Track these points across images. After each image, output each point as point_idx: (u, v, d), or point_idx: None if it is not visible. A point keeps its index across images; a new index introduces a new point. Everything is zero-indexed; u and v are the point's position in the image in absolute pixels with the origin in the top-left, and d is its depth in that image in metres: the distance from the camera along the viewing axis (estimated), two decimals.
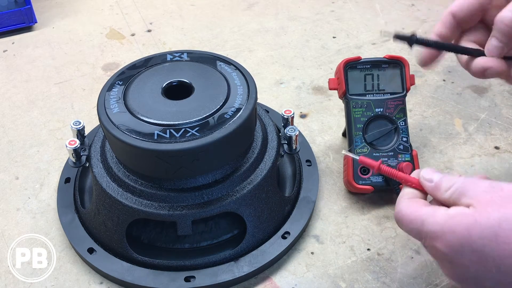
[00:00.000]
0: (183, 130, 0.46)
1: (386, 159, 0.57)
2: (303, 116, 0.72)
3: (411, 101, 0.73)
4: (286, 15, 0.95)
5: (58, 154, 0.66)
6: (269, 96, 0.75)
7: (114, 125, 0.47)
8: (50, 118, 0.72)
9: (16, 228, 0.57)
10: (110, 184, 0.51)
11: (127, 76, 0.52)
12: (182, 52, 0.56)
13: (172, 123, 0.46)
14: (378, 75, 0.59)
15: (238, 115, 0.47)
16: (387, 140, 0.58)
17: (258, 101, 0.55)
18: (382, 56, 0.59)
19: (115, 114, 0.48)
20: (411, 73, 0.59)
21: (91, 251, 0.52)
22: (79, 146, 0.53)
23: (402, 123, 0.58)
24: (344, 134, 0.67)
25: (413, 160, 0.57)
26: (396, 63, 0.59)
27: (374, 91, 0.59)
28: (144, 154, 0.45)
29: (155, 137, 0.45)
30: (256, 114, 0.53)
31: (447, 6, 0.50)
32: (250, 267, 0.50)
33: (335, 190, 0.60)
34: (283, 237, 0.53)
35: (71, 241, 0.53)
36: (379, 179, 0.57)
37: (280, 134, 0.57)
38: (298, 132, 0.55)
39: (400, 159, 0.57)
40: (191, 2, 1.00)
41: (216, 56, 0.55)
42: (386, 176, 0.55)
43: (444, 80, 0.77)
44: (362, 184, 0.56)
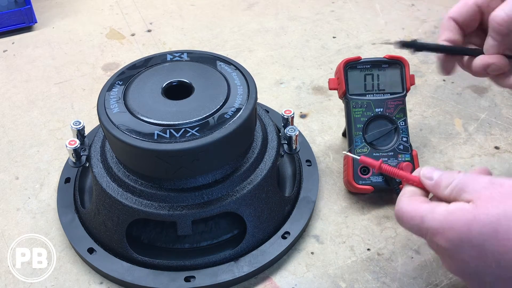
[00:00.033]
0: (183, 130, 0.46)
1: (386, 159, 0.57)
2: (303, 116, 0.71)
3: (411, 101, 0.73)
4: (286, 15, 0.94)
5: (58, 154, 0.66)
6: (269, 96, 0.75)
7: (114, 125, 0.47)
8: (50, 118, 0.72)
9: (16, 228, 0.57)
10: (110, 184, 0.51)
11: (127, 76, 0.52)
12: (182, 52, 0.56)
13: (172, 123, 0.46)
14: (378, 75, 0.59)
15: (238, 115, 0.47)
16: (387, 140, 0.58)
17: (258, 101, 0.55)
18: (382, 56, 0.59)
19: (115, 114, 0.48)
20: (411, 73, 0.59)
21: (91, 251, 0.52)
22: (79, 146, 0.53)
23: (402, 123, 0.58)
24: (344, 134, 0.67)
25: (413, 160, 0.57)
26: (396, 63, 0.59)
27: (374, 91, 0.59)
28: (144, 154, 0.45)
29: (155, 137, 0.45)
30: (256, 114, 0.53)
31: (447, 6, 0.50)
32: (250, 267, 0.50)
33: (335, 190, 0.60)
34: (283, 237, 0.53)
35: (71, 241, 0.53)
36: (379, 179, 0.57)
37: (280, 134, 0.57)
38: (298, 132, 0.55)
39: (400, 159, 0.57)
40: (191, 2, 1.00)
41: (216, 56, 0.55)
42: (387, 175, 0.55)
43: (444, 80, 0.77)
44: (362, 184, 0.56)
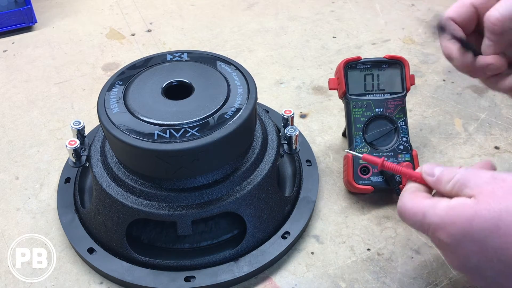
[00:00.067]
0: (183, 130, 0.46)
1: (386, 159, 0.57)
2: (303, 116, 0.71)
3: (411, 101, 0.73)
4: (286, 15, 0.94)
5: (58, 154, 0.66)
6: (269, 96, 0.75)
7: (114, 125, 0.47)
8: (50, 118, 0.72)
9: (16, 228, 0.57)
10: (110, 184, 0.51)
11: (127, 76, 0.52)
12: (182, 52, 0.56)
13: (172, 123, 0.46)
14: (378, 75, 0.59)
15: (238, 115, 0.47)
16: (387, 140, 0.58)
17: (258, 101, 0.55)
18: (382, 56, 0.59)
19: (115, 114, 0.48)
20: (411, 73, 0.59)
21: (91, 251, 0.52)
22: (79, 146, 0.53)
23: (402, 123, 0.58)
24: (344, 134, 0.67)
25: (413, 160, 0.57)
26: (396, 63, 0.59)
27: (374, 91, 0.59)
28: (144, 154, 0.45)
29: (155, 137, 0.45)
30: (256, 114, 0.53)
31: (447, 6, 0.50)
32: (250, 267, 0.50)
33: (335, 190, 0.60)
34: (283, 237, 0.53)
35: (71, 241, 0.53)
36: (379, 179, 0.57)
37: (280, 134, 0.57)
38: (298, 132, 0.55)
39: (400, 159, 0.57)
40: (191, 2, 1.00)
41: (216, 56, 0.55)
42: (387, 175, 0.56)
43: (444, 80, 0.77)
44: (362, 184, 0.56)
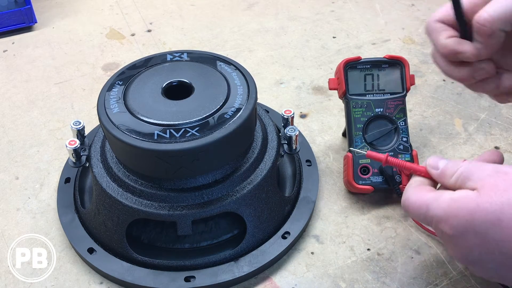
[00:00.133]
0: (183, 130, 0.46)
1: None
2: (303, 116, 0.71)
3: (411, 101, 0.73)
4: (286, 15, 0.94)
5: (58, 154, 0.66)
6: (269, 96, 0.75)
7: (114, 125, 0.47)
8: (50, 118, 0.72)
9: (16, 228, 0.57)
10: (110, 184, 0.51)
11: (127, 76, 0.52)
12: (182, 52, 0.56)
13: (172, 123, 0.46)
14: (378, 75, 0.59)
15: (238, 115, 0.47)
16: (387, 140, 0.58)
17: (258, 101, 0.55)
18: (382, 56, 0.59)
19: (115, 114, 0.48)
20: (411, 73, 0.59)
21: (91, 251, 0.52)
22: (79, 146, 0.53)
23: (402, 123, 0.58)
24: (344, 134, 0.67)
25: (413, 160, 0.57)
26: (396, 63, 0.59)
27: (374, 91, 0.59)
28: (144, 154, 0.45)
29: (155, 137, 0.45)
30: (256, 114, 0.53)
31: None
32: (250, 267, 0.50)
33: (335, 190, 0.60)
34: (283, 237, 0.53)
35: (71, 241, 0.53)
36: (379, 179, 0.57)
37: (280, 134, 0.57)
38: (298, 132, 0.55)
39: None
40: (191, 2, 1.00)
41: (216, 56, 0.55)
42: (388, 173, 0.55)
43: (444, 80, 0.77)
44: (362, 184, 0.56)
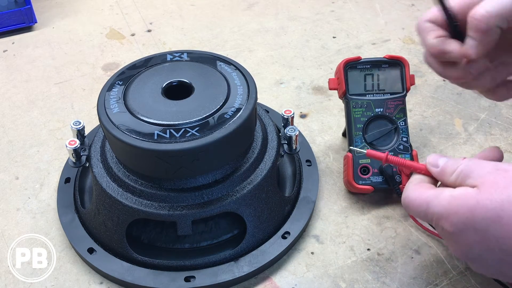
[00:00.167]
0: (183, 130, 0.46)
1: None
2: (303, 116, 0.71)
3: (411, 101, 0.73)
4: (286, 15, 0.94)
5: (58, 154, 0.66)
6: (269, 96, 0.75)
7: (114, 125, 0.47)
8: (50, 118, 0.72)
9: (16, 228, 0.57)
10: (110, 184, 0.51)
11: (127, 76, 0.52)
12: (182, 52, 0.56)
13: (172, 123, 0.46)
14: (378, 75, 0.59)
15: (238, 115, 0.47)
16: (387, 140, 0.58)
17: (258, 101, 0.55)
18: (382, 56, 0.59)
19: (115, 114, 0.48)
20: (411, 73, 0.59)
21: (91, 251, 0.52)
22: (79, 146, 0.53)
23: (402, 123, 0.58)
24: (344, 134, 0.67)
25: (413, 160, 0.57)
26: (396, 63, 0.59)
27: (374, 91, 0.59)
28: (144, 154, 0.45)
29: (155, 137, 0.45)
30: (256, 114, 0.53)
31: None
32: (250, 267, 0.50)
33: (335, 190, 0.60)
34: (283, 237, 0.53)
35: (71, 241, 0.53)
36: (379, 179, 0.57)
37: (280, 134, 0.57)
38: (298, 132, 0.55)
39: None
40: (191, 2, 1.00)
41: (216, 56, 0.55)
42: (388, 173, 0.55)
43: (444, 80, 0.77)
44: (362, 184, 0.56)
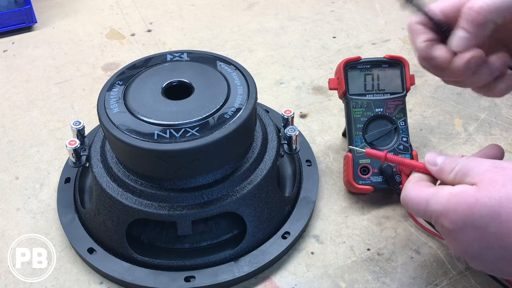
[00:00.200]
0: (183, 130, 0.46)
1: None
2: (303, 116, 0.71)
3: (411, 101, 0.73)
4: (286, 15, 0.94)
5: (58, 154, 0.66)
6: (269, 96, 0.75)
7: (114, 125, 0.47)
8: (50, 118, 0.72)
9: (16, 228, 0.57)
10: (110, 184, 0.51)
11: (127, 76, 0.52)
12: (182, 52, 0.56)
13: (172, 123, 0.46)
14: (378, 75, 0.59)
15: (238, 115, 0.47)
16: (387, 140, 0.58)
17: (258, 101, 0.55)
18: (382, 56, 0.59)
19: (115, 114, 0.48)
20: (411, 73, 0.59)
21: (91, 251, 0.52)
22: (79, 146, 0.53)
23: (402, 123, 0.58)
24: (344, 134, 0.67)
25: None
26: (396, 63, 0.59)
27: (374, 91, 0.59)
28: (144, 154, 0.45)
29: (155, 137, 0.45)
30: (256, 114, 0.53)
31: None
32: (250, 267, 0.50)
33: (335, 190, 0.60)
34: (283, 237, 0.53)
35: (71, 241, 0.53)
36: (379, 179, 0.56)
37: (280, 134, 0.57)
38: (298, 132, 0.55)
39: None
40: (191, 2, 1.00)
41: (216, 56, 0.55)
42: (388, 173, 0.55)
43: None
44: (362, 184, 0.56)
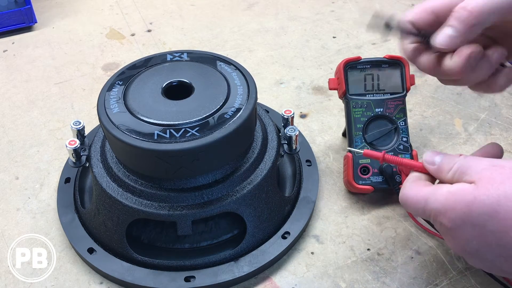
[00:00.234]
0: (183, 130, 0.46)
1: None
2: (303, 116, 0.71)
3: (411, 101, 0.73)
4: (286, 15, 0.94)
5: (58, 154, 0.66)
6: (269, 96, 0.75)
7: (114, 125, 0.47)
8: (50, 118, 0.72)
9: (16, 228, 0.57)
10: (110, 184, 0.51)
11: (127, 76, 0.52)
12: (182, 52, 0.56)
13: (172, 123, 0.46)
14: (378, 75, 0.59)
15: (238, 115, 0.47)
16: (387, 140, 0.58)
17: (258, 101, 0.55)
18: (382, 56, 0.59)
19: (115, 114, 0.48)
20: (411, 73, 0.59)
21: (91, 251, 0.52)
22: (79, 146, 0.53)
23: (402, 123, 0.58)
24: (344, 134, 0.67)
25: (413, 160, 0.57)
26: (396, 63, 0.59)
27: (374, 91, 0.59)
28: (144, 154, 0.45)
29: (155, 137, 0.45)
30: (256, 114, 0.53)
31: None
32: (250, 267, 0.50)
33: (335, 190, 0.60)
34: (283, 237, 0.53)
35: (71, 241, 0.53)
36: (379, 179, 0.57)
37: (280, 134, 0.57)
38: (298, 132, 0.55)
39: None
40: (191, 2, 1.00)
41: (216, 56, 0.55)
42: (388, 173, 0.55)
43: None
44: (362, 184, 0.56)
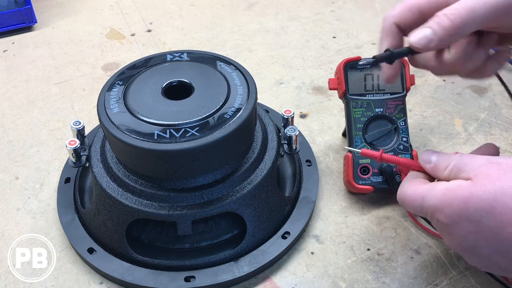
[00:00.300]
0: (183, 130, 0.46)
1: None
2: (303, 116, 0.71)
3: (411, 101, 0.73)
4: (286, 15, 0.94)
5: (58, 154, 0.66)
6: (269, 96, 0.75)
7: (114, 125, 0.47)
8: (50, 118, 0.72)
9: (16, 228, 0.57)
10: (110, 184, 0.51)
11: (127, 76, 0.52)
12: (182, 52, 0.56)
13: (172, 123, 0.46)
14: (378, 75, 0.59)
15: (238, 115, 0.47)
16: (387, 140, 0.58)
17: (258, 101, 0.55)
18: None
19: (115, 114, 0.48)
20: (411, 73, 0.59)
21: (91, 251, 0.52)
22: (79, 146, 0.53)
23: (402, 123, 0.58)
24: (344, 134, 0.67)
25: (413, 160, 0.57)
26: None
27: (374, 91, 0.59)
28: (144, 154, 0.45)
29: (155, 137, 0.45)
30: (256, 114, 0.53)
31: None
32: (250, 267, 0.50)
33: (335, 190, 0.60)
34: (283, 237, 0.53)
35: (71, 241, 0.53)
36: (379, 179, 0.56)
37: (280, 134, 0.57)
38: (298, 132, 0.55)
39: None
40: (191, 2, 1.00)
41: (216, 56, 0.55)
42: (388, 173, 0.55)
43: (444, 80, 0.77)
44: (362, 184, 0.56)
